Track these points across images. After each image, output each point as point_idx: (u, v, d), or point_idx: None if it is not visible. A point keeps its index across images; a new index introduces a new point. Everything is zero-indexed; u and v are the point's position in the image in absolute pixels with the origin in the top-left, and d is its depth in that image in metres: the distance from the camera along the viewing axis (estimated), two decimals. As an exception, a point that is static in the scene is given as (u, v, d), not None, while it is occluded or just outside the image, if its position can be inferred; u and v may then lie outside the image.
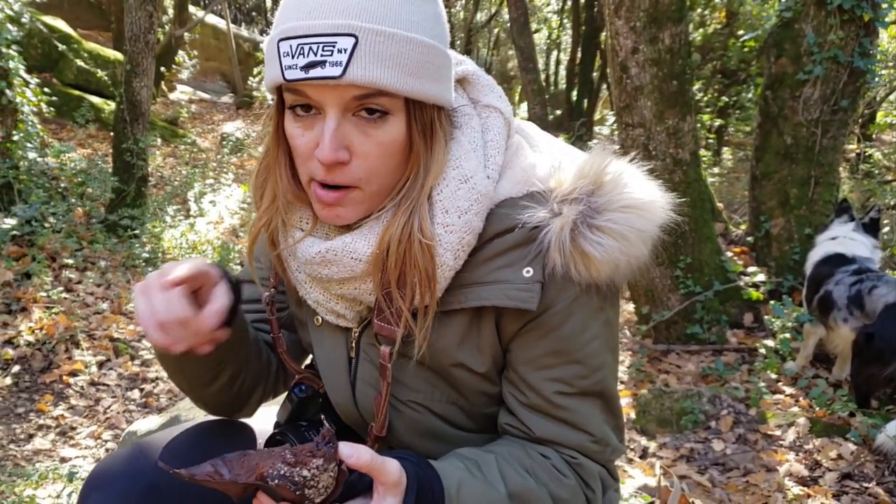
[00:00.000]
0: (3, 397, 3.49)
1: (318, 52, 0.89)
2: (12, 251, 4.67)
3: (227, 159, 8.99)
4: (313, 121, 0.97)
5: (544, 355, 1.05)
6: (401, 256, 0.99)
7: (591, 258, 0.97)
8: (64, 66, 9.66)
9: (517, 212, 1.00)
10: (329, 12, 0.90)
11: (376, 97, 0.93)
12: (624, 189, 1.00)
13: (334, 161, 0.94)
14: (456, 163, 1.00)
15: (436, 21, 0.98)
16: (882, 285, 3.26)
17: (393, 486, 0.89)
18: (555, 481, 1.04)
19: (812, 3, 4.47)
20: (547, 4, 17.77)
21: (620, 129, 4.55)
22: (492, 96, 1.09)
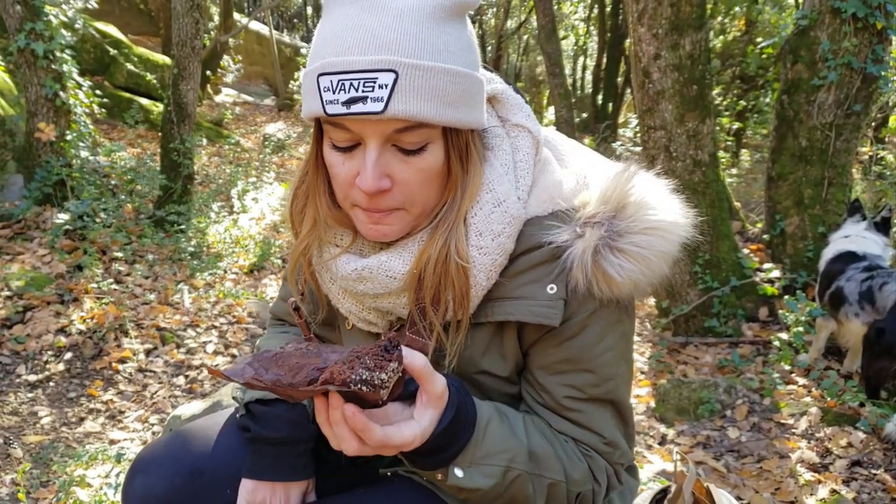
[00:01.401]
0: (56, 383, 3.53)
1: (359, 88, 0.87)
2: (65, 245, 4.67)
3: (268, 159, 9.04)
4: (353, 152, 0.96)
5: (559, 362, 1.05)
6: (437, 276, 0.99)
7: (613, 279, 0.97)
8: (115, 70, 9.77)
9: (543, 231, 1.00)
10: (368, 48, 0.88)
11: (416, 128, 0.92)
12: (647, 212, 0.99)
13: (377, 190, 0.93)
14: (489, 186, 1.00)
15: (469, 49, 0.96)
16: (892, 282, 3.23)
17: (437, 397, 0.89)
18: (570, 459, 1.04)
19: (827, 12, 4.43)
20: (574, 12, 17.72)
21: (643, 132, 4.54)
22: (520, 115, 1.08)
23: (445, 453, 0.95)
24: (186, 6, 5.55)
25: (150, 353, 3.88)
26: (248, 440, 1.16)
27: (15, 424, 3.14)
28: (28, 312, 3.97)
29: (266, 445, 1.15)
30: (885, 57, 4.44)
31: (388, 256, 1.02)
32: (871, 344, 3.14)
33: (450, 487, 0.98)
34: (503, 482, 0.98)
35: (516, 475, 0.99)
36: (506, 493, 1.00)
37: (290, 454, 1.15)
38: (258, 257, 5.56)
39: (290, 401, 0.90)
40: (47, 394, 3.43)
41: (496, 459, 0.98)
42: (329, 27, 0.93)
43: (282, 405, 1.17)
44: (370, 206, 0.97)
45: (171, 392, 3.55)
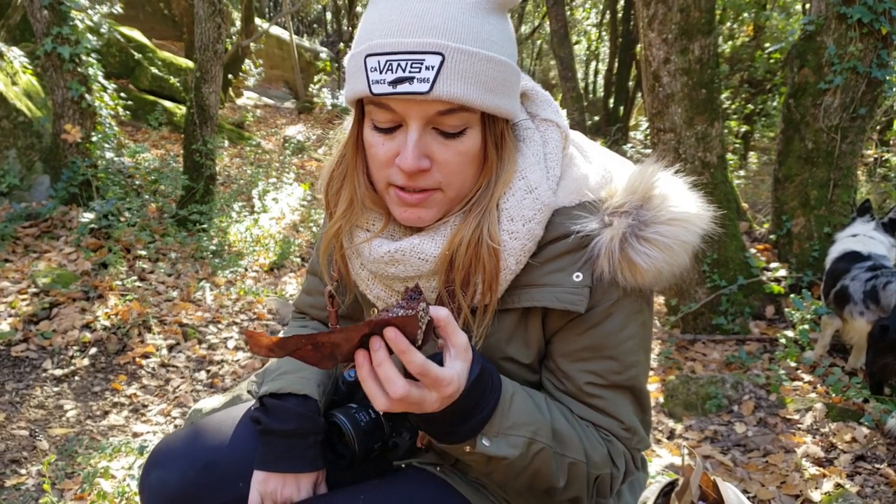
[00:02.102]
0: (81, 377, 3.55)
1: (406, 69, 0.88)
2: (90, 243, 4.71)
3: (288, 160, 9.04)
4: (394, 133, 0.96)
5: (582, 349, 1.05)
6: (469, 258, 1.00)
7: (638, 266, 0.98)
8: (140, 74, 9.81)
9: (571, 221, 1.01)
10: (417, 31, 0.89)
11: (457, 111, 0.93)
12: (670, 203, 1.00)
13: (416, 169, 0.94)
14: (522, 174, 1.01)
15: (510, 40, 0.98)
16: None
17: (463, 349, 0.89)
18: (591, 442, 1.05)
19: (833, 18, 4.44)
20: (586, 18, 17.77)
21: (653, 134, 4.55)
22: (549, 111, 1.10)
23: (475, 418, 0.94)
24: (208, 12, 5.57)
25: (172, 349, 3.90)
26: (260, 432, 1.17)
27: (41, 417, 3.17)
28: (54, 309, 4.01)
29: (276, 438, 1.15)
30: (889, 61, 4.45)
31: (420, 239, 1.03)
32: (875, 341, 3.14)
33: (477, 457, 0.98)
34: (528, 454, 0.98)
35: (539, 448, 0.99)
36: (530, 466, 1.00)
37: (300, 446, 1.15)
38: (278, 256, 5.57)
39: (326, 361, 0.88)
40: (73, 388, 3.45)
41: (522, 430, 0.98)
42: (376, 12, 0.94)
43: (293, 399, 1.17)
44: (408, 184, 0.97)
45: (193, 386, 3.56)
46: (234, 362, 3.84)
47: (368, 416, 1.18)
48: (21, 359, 3.60)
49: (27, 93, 6.07)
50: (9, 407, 3.21)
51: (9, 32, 8.30)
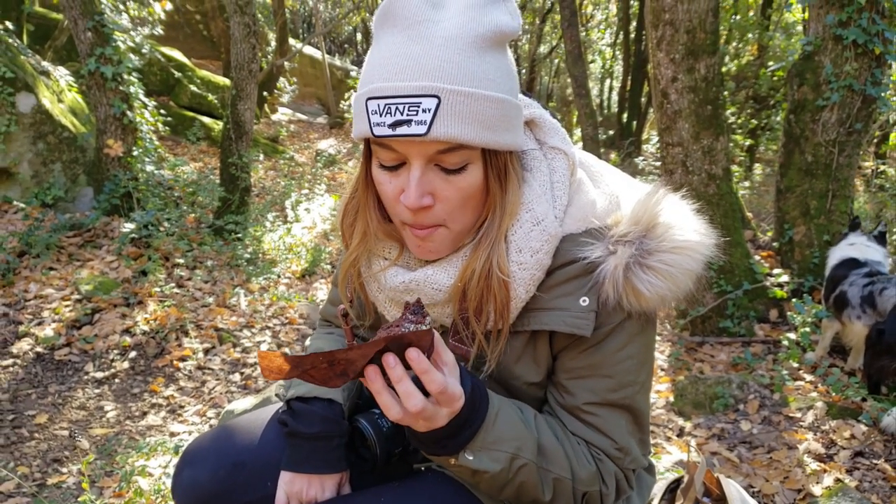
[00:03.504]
0: (121, 379, 3.57)
1: (404, 112, 0.89)
2: (131, 252, 4.77)
3: (320, 172, 9.07)
4: (399, 170, 0.97)
5: (582, 367, 1.06)
6: (480, 289, 1.00)
7: (642, 293, 0.99)
8: (179, 91, 9.93)
9: (577, 247, 1.01)
10: (413, 74, 0.89)
11: (457, 150, 0.93)
12: (674, 232, 1.00)
13: (419, 206, 0.94)
14: (529, 206, 1.01)
15: (508, 76, 0.96)
16: (891, 287, 3.28)
17: (454, 366, 0.92)
18: (579, 460, 1.05)
19: (830, 39, 4.51)
20: (601, 38, 17.95)
21: (662, 148, 4.62)
22: (556, 138, 1.09)
23: (466, 432, 0.96)
24: (244, 33, 5.62)
25: (208, 352, 3.91)
26: (286, 435, 1.18)
27: (82, 418, 3.19)
28: (96, 314, 4.04)
29: (302, 440, 1.16)
30: (883, 80, 4.53)
31: (434, 270, 1.04)
32: (873, 344, 3.20)
33: (462, 469, 1.00)
34: (510, 468, 0.99)
35: (523, 463, 0.99)
36: (514, 480, 1.01)
37: (325, 448, 1.16)
38: (309, 263, 5.57)
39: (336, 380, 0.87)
40: (113, 390, 3.47)
41: (505, 446, 0.98)
42: (377, 54, 0.94)
43: (318, 403, 1.17)
44: (414, 223, 0.98)
45: (228, 388, 3.57)
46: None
47: (390, 422, 1.19)
48: (64, 362, 3.64)
49: (72, 109, 6.18)
50: (51, 408, 3.24)
51: (55, 53, 8.49)
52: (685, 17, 4.18)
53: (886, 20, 4.41)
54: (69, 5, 5.12)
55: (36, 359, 3.63)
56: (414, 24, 0.91)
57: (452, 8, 0.93)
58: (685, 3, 4.16)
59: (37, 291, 4.22)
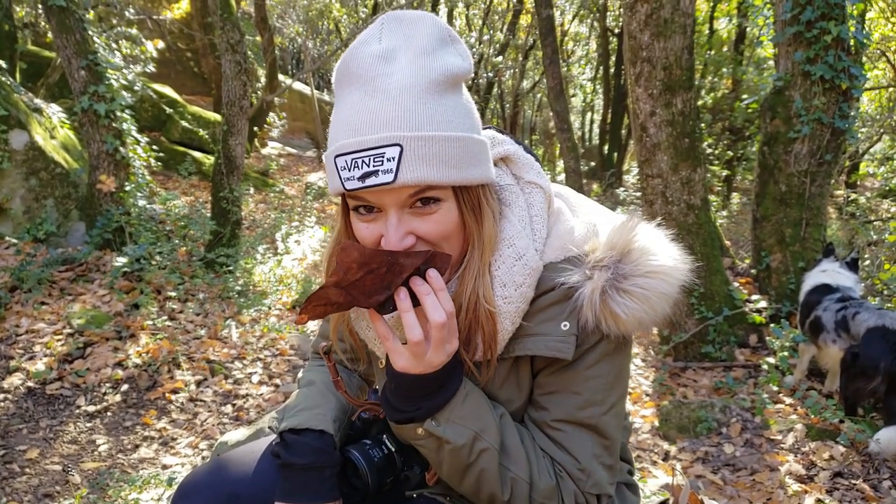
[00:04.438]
0: (113, 412, 3.53)
1: (370, 164, 0.91)
2: (123, 285, 4.73)
3: (310, 205, 9.11)
4: (376, 217, 0.99)
5: (554, 383, 1.07)
6: (468, 321, 1.03)
7: (619, 317, 1.00)
8: (171, 127, 9.97)
9: (557, 274, 1.03)
10: (374, 127, 0.92)
11: (427, 191, 0.95)
12: (649, 257, 1.02)
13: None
14: (510, 241, 1.03)
15: (466, 114, 0.99)
16: (864, 311, 3.34)
17: None
18: (540, 470, 1.05)
19: (799, 74, 4.66)
20: (582, 73, 18.33)
21: (642, 180, 4.69)
22: (532, 173, 1.11)
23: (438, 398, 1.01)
24: (235, 71, 5.69)
25: (200, 384, 3.89)
26: (280, 466, 1.17)
27: (74, 452, 3.15)
28: (88, 348, 4.00)
29: (295, 471, 1.15)
30: (850, 113, 4.67)
31: None
32: (848, 367, 3.24)
33: (429, 441, 1.03)
34: (473, 448, 1.02)
35: (485, 447, 1.02)
36: (475, 464, 1.03)
37: (316, 479, 1.15)
38: (300, 294, 5.59)
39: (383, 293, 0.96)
40: (105, 423, 3.44)
41: (470, 423, 1.02)
42: (339, 113, 0.97)
43: (310, 434, 1.18)
44: None
45: (220, 419, 3.54)
46: (259, 396, 3.82)
47: (381, 452, 1.20)
48: (55, 396, 3.60)
49: (64, 146, 6.18)
50: (43, 443, 3.19)
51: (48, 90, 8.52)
52: (661, 54, 4.29)
53: (852, 57, 4.57)
54: (63, 45, 5.17)
55: (27, 393, 3.59)
56: (369, 80, 0.94)
57: (403, 59, 0.95)
58: (661, 41, 4.27)
59: (28, 326, 4.19)
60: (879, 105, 9.59)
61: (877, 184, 10.17)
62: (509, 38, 14.87)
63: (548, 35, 8.74)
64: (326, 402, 1.24)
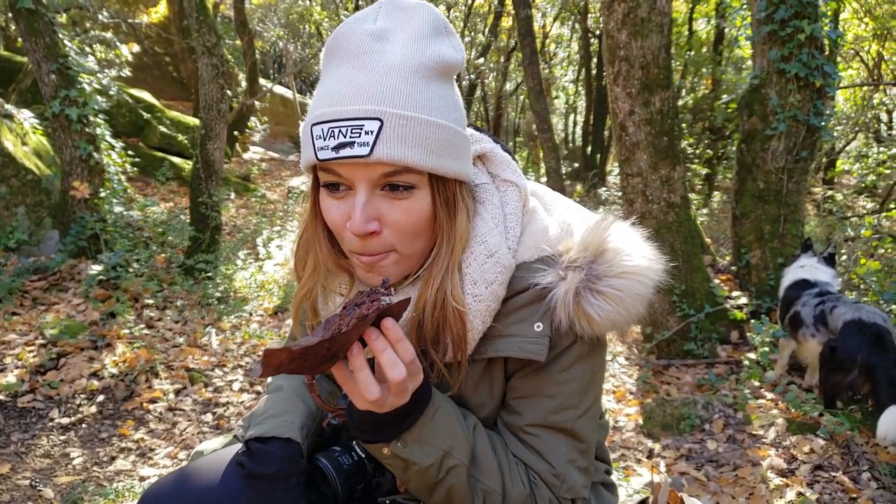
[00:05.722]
0: (89, 424, 3.45)
1: (347, 135, 0.89)
2: (99, 294, 4.66)
3: (292, 209, 9.07)
4: (345, 195, 0.96)
5: (527, 387, 1.06)
6: (436, 320, 1.00)
7: (592, 318, 0.99)
8: (149, 132, 9.89)
9: (530, 274, 1.02)
10: (357, 99, 0.90)
11: (402, 174, 0.92)
12: (623, 258, 1.01)
13: (365, 232, 0.93)
14: (482, 238, 1.01)
15: (453, 106, 0.98)
16: (841, 305, 3.36)
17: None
18: (513, 479, 1.04)
19: (774, 72, 4.69)
20: (564, 75, 18.41)
21: (622, 179, 4.70)
22: (508, 171, 1.10)
23: (405, 422, 0.97)
24: (212, 74, 5.64)
25: (179, 393, 3.82)
26: (245, 476, 1.15)
27: (47, 466, 3.07)
28: (62, 359, 3.91)
29: (261, 480, 1.13)
30: (824, 110, 4.72)
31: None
32: (826, 361, 3.27)
33: (395, 461, 1.00)
34: (441, 466, 0.99)
35: (454, 464, 1.00)
36: (444, 481, 1.01)
37: (283, 488, 1.12)
38: (281, 300, 5.51)
39: (329, 363, 0.86)
40: (79, 435, 3.36)
41: (438, 442, 0.99)
42: (324, 84, 0.96)
43: (277, 442, 1.15)
44: (363, 251, 0.97)
45: (200, 429, 3.48)
46: (240, 404, 3.76)
47: (351, 459, 1.18)
48: (27, 409, 3.51)
49: (37, 152, 6.08)
50: (14, 458, 3.11)
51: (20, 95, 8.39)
52: (639, 53, 4.30)
53: (825, 55, 4.63)
54: (33, 49, 5.08)
55: (-3, 407, 3.50)
56: (358, 55, 0.92)
57: (396, 41, 0.94)
58: (638, 40, 4.29)
59: (-2, 337, 4.09)
60: (854, 104, 9.72)
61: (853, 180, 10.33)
62: (491, 40, 14.88)
63: (527, 36, 8.75)
64: (294, 408, 1.21)
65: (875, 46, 9.97)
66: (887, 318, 3.20)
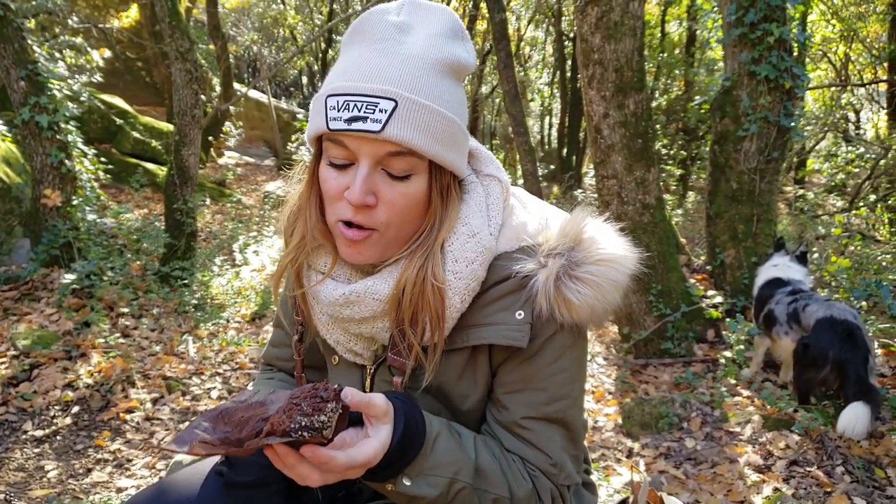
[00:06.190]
0: (63, 436, 3.39)
1: (361, 109, 0.93)
2: (73, 303, 4.58)
3: (268, 214, 9.01)
4: (346, 169, 0.99)
5: (517, 380, 1.07)
6: (415, 297, 1.02)
7: (572, 303, 1.01)
8: (122, 138, 9.74)
9: (511, 263, 1.04)
10: (375, 79, 0.94)
11: (406, 156, 0.96)
12: (599, 246, 1.04)
13: (362, 203, 0.96)
14: (465, 220, 1.05)
15: (461, 104, 1.03)
16: (813, 303, 3.42)
17: (383, 414, 0.91)
18: (516, 478, 1.05)
19: (745, 74, 4.77)
20: (539, 78, 18.55)
21: (598, 181, 4.74)
22: (491, 167, 1.14)
23: (400, 463, 0.95)
24: (186, 79, 5.58)
25: (156, 402, 3.77)
26: (224, 485, 1.13)
27: (21, 480, 3.01)
28: (35, 370, 3.84)
29: (240, 489, 1.11)
30: (794, 111, 4.80)
31: (374, 280, 1.05)
32: (799, 358, 3.31)
33: (399, 496, 0.99)
34: (448, 493, 0.99)
35: (461, 487, 1.00)
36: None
37: (262, 496, 1.11)
38: (259, 306, 5.47)
39: (241, 456, 0.86)
40: (54, 448, 3.30)
41: (443, 471, 0.98)
42: (343, 62, 1.00)
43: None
44: (353, 219, 0.99)
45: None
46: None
47: None
48: (0, 422, 3.43)
49: (6, 160, 5.96)
50: (-14, 472, 3.04)
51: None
52: (612, 56, 4.34)
53: (794, 57, 4.72)
54: (1, 55, 4.99)
55: (-32, 421, 3.43)
56: (380, 41, 0.97)
57: (418, 35, 0.99)
58: (612, 43, 4.32)
59: (-32, 350, 4.00)
60: (823, 104, 9.90)
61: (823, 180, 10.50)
62: (465, 44, 14.89)
63: (501, 39, 8.78)
64: None
65: (842, 48, 10.17)
66: (857, 315, 3.26)
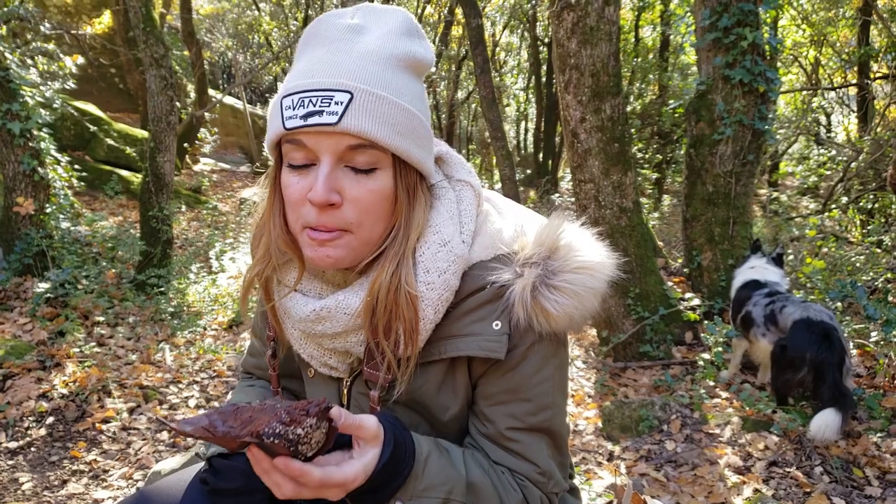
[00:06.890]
0: (38, 448, 3.33)
1: (317, 104, 0.91)
2: (47, 312, 4.51)
3: (244, 220, 8.94)
4: (308, 171, 0.96)
5: (500, 392, 1.06)
6: (389, 305, 0.99)
7: (550, 313, 0.99)
8: (96, 145, 9.62)
9: (487, 273, 1.02)
10: (329, 73, 0.92)
11: (367, 149, 0.93)
12: (576, 253, 1.02)
13: (326, 202, 0.93)
14: (436, 228, 1.02)
15: (420, 99, 1.00)
16: (790, 305, 3.44)
17: (372, 438, 0.91)
18: (506, 490, 1.04)
19: (720, 78, 4.81)
20: (515, 83, 18.62)
21: (575, 185, 4.76)
22: (463, 172, 1.12)
23: (389, 488, 0.94)
24: (161, 86, 5.53)
25: (133, 412, 3.71)
26: (208, 493, 1.12)
27: (-6, 493, 2.94)
28: (8, 381, 3.75)
29: (224, 497, 1.10)
30: (768, 115, 4.84)
31: (345, 294, 1.03)
32: (777, 359, 3.32)
33: None
34: None
35: None
36: None
37: (247, 503, 1.09)
38: (236, 313, 5.42)
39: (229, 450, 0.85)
40: (28, 459, 3.23)
41: (436, 492, 0.97)
42: (297, 66, 0.98)
43: (240, 457, 1.12)
44: (318, 224, 0.95)
45: (155, 448, 3.39)
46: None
47: None
48: (-28, 434, 3.36)
49: (-23, 169, 5.83)
50: (-41, 485, 2.97)
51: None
52: (589, 61, 4.37)
53: (767, 62, 4.77)
54: (-28, 62, 4.89)
55: (-61, 434, 3.35)
56: (334, 42, 0.96)
57: (371, 34, 0.98)
58: (588, 48, 4.35)
59: (-62, 362, 3.91)
60: (795, 108, 10.07)
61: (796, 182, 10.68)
62: (441, 49, 14.94)
63: (478, 45, 8.82)
64: None
65: (812, 52, 10.36)
66: (833, 316, 3.29)
